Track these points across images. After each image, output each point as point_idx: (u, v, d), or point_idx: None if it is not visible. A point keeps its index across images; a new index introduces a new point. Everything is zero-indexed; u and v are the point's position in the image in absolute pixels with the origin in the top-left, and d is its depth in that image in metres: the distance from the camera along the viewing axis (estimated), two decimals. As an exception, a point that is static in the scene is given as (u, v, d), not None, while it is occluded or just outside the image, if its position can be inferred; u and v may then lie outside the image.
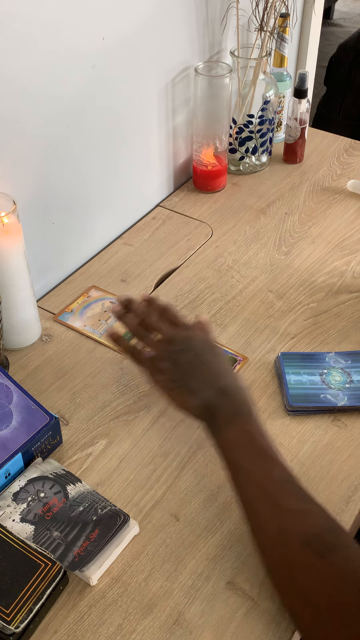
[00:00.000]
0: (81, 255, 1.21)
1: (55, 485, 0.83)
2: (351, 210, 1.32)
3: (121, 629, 0.73)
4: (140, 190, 1.30)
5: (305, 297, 1.13)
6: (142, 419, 0.94)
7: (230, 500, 0.84)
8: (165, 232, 1.28)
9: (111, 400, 0.97)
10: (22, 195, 1.00)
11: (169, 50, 1.22)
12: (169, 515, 0.83)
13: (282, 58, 1.39)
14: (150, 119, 1.25)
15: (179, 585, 0.77)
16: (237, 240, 1.25)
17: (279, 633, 0.73)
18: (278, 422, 0.94)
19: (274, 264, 1.20)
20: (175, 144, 1.35)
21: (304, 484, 0.74)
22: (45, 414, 0.87)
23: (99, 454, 0.90)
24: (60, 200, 1.11)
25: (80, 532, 0.78)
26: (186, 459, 0.89)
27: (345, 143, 1.50)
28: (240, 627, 0.73)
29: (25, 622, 0.71)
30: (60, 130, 1.05)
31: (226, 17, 1.31)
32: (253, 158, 1.41)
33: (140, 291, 1.15)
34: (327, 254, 1.22)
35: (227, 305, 1.12)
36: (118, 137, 1.18)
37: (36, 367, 1.02)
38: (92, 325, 1.08)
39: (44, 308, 1.12)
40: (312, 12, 1.57)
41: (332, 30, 3.89)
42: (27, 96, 0.96)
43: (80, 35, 1.01)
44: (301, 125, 1.38)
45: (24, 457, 0.84)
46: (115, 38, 1.08)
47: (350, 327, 1.07)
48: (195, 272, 1.18)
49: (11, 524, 0.79)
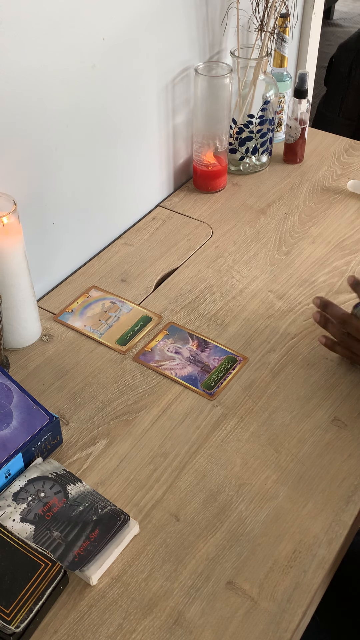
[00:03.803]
0: (81, 255, 1.21)
1: (55, 485, 0.83)
2: (351, 210, 1.32)
3: (121, 629, 0.73)
4: (140, 190, 1.30)
5: (305, 297, 1.13)
6: (142, 419, 0.94)
7: (231, 500, 0.84)
8: (165, 232, 1.28)
9: (111, 400, 0.97)
10: (22, 196, 1.00)
11: (169, 50, 1.22)
12: (169, 515, 0.83)
13: (282, 58, 1.39)
14: (150, 119, 1.25)
15: (179, 585, 0.77)
16: (237, 240, 1.25)
17: (279, 633, 0.73)
18: (278, 422, 0.94)
19: (274, 264, 1.20)
20: (175, 144, 1.35)
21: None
22: (45, 414, 0.87)
23: (99, 454, 0.90)
24: (60, 200, 1.11)
25: (81, 532, 0.78)
26: (186, 459, 0.89)
27: (345, 143, 1.50)
28: (240, 627, 0.73)
29: (26, 622, 0.71)
30: (60, 130, 1.05)
31: (226, 17, 1.31)
32: (253, 158, 1.41)
33: (140, 291, 1.15)
34: (327, 254, 1.22)
35: (227, 305, 1.12)
36: (118, 137, 1.18)
37: (36, 367, 1.02)
38: (92, 325, 1.08)
39: (44, 308, 1.12)
40: (312, 12, 1.57)
41: (332, 30, 3.89)
42: (27, 96, 0.96)
43: (80, 35, 1.01)
44: (301, 125, 1.38)
45: (24, 457, 0.84)
46: (115, 38, 1.08)
47: (350, 327, 1.07)
48: (195, 272, 1.18)
49: (11, 524, 0.79)
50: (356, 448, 0.90)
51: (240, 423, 0.94)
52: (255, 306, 1.11)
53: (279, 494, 0.85)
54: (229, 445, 0.91)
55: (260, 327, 1.08)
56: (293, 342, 1.05)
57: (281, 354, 1.03)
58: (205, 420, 0.94)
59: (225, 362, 1.02)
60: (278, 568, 0.78)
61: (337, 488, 0.86)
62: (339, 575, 0.90)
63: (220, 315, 1.10)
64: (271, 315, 1.10)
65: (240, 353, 1.03)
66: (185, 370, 1.01)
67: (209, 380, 0.99)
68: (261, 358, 1.03)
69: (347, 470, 0.88)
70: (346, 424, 0.93)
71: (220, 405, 0.96)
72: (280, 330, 1.07)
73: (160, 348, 1.04)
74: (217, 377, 1.00)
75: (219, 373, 1.00)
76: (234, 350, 1.04)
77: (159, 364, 1.02)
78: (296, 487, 0.86)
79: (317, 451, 0.90)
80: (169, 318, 1.10)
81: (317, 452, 0.90)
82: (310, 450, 0.90)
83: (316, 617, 0.90)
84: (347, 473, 0.87)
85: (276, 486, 0.86)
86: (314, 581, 0.77)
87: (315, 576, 0.78)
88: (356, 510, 0.84)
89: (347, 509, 0.84)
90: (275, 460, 0.89)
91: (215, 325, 1.08)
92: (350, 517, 0.83)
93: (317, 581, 0.77)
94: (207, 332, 1.07)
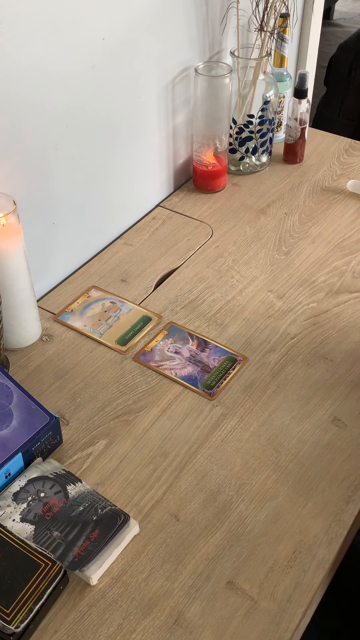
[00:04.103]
0: (81, 255, 1.21)
1: (55, 485, 0.83)
2: (351, 210, 1.32)
3: (121, 629, 0.73)
4: (140, 190, 1.30)
5: (305, 297, 1.13)
6: (142, 419, 0.94)
7: (231, 500, 0.84)
8: (165, 232, 1.28)
9: (111, 400, 0.97)
10: (22, 196, 1.00)
11: (169, 50, 1.22)
12: (169, 515, 0.83)
13: (282, 58, 1.39)
14: (150, 119, 1.25)
15: (179, 585, 0.77)
16: (237, 240, 1.25)
17: (279, 633, 0.73)
18: (278, 422, 0.94)
19: (274, 264, 1.20)
20: (175, 144, 1.35)
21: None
22: (45, 414, 0.87)
23: (99, 453, 0.90)
24: (60, 200, 1.11)
25: (81, 532, 0.78)
26: (186, 459, 0.89)
27: (345, 143, 1.50)
28: (240, 627, 0.73)
29: (26, 621, 0.71)
30: (60, 130, 1.05)
31: (226, 17, 1.31)
32: (253, 158, 1.41)
33: (140, 291, 1.15)
34: (327, 254, 1.22)
35: (227, 305, 1.12)
36: (118, 137, 1.18)
37: (36, 367, 1.02)
38: (92, 325, 1.08)
39: (44, 308, 1.12)
40: (312, 12, 1.57)
41: (332, 30, 3.89)
42: (27, 96, 0.96)
43: (80, 35, 1.01)
44: (301, 125, 1.38)
45: (24, 457, 0.84)
46: (115, 38, 1.08)
47: (350, 327, 1.07)
48: (195, 272, 1.18)
49: (11, 524, 0.79)
50: (356, 448, 0.90)
51: (240, 423, 0.94)
52: (255, 306, 1.11)
53: (279, 494, 0.85)
54: (229, 445, 0.91)
55: (260, 327, 1.08)
56: (293, 342, 1.05)
57: (281, 354, 1.03)
58: (205, 420, 0.94)
59: (225, 362, 1.02)
60: (278, 568, 0.78)
61: (337, 488, 0.86)
62: (339, 575, 0.90)
63: (220, 315, 1.10)
64: (271, 315, 1.10)
65: (240, 353, 1.03)
66: (185, 370, 1.01)
67: (209, 380, 0.99)
68: (261, 358, 1.03)
69: (347, 470, 0.88)
70: (346, 424, 0.93)
71: (220, 405, 0.96)
72: (280, 330, 1.07)
73: (160, 348, 1.04)
74: (217, 377, 1.00)
75: (219, 373, 1.00)
76: (234, 350, 1.04)
77: (159, 364, 1.02)
78: (296, 487, 0.86)
79: (317, 451, 0.90)
80: (169, 318, 1.10)
81: (317, 452, 0.90)
82: (310, 450, 0.90)
83: (316, 617, 0.90)
84: (347, 473, 0.87)
85: (276, 486, 0.86)
86: (314, 581, 0.77)
87: (315, 576, 0.78)
88: (356, 510, 0.84)
89: (347, 509, 0.84)
90: (275, 460, 0.89)
91: (215, 325, 1.08)
92: (350, 517, 0.83)
93: (317, 581, 0.77)
94: (207, 332, 1.07)
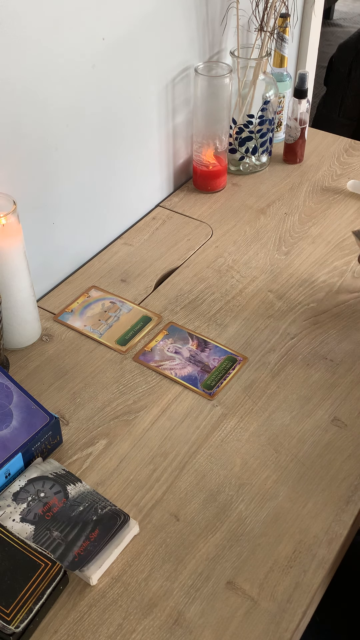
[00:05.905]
0: (81, 255, 1.21)
1: (55, 485, 0.83)
2: (351, 210, 1.32)
3: (121, 629, 0.73)
4: (140, 190, 1.30)
5: (305, 297, 1.13)
6: (142, 419, 0.94)
7: (231, 500, 0.84)
8: (165, 232, 1.28)
9: (111, 400, 0.97)
10: (22, 196, 1.00)
11: (169, 50, 1.22)
12: (169, 515, 0.83)
13: (282, 58, 1.39)
14: (150, 119, 1.25)
15: (179, 585, 0.77)
16: (237, 240, 1.25)
17: (278, 633, 0.73)
18: (278, 422, 0.94)
19: (274, 264, 1.20)
20: (175, 144, 1.35)
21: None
22: (45, 414, 0.87)
23: (99, 453, 0.90)
24: (60, 201, 1.11)
25: (80, 532, 0.78)
26: (186, 459, 0.89)
27: (345, 143, 1.50)
28: (240, 627, 0.73)
29: (26, 621, 0.71)
30: (60, 130, 1.05)
31: (226, 17, 1.31)
32: (253, 158, 1.41)
33: (140, 291, 1.15)
34: (327, 254, 1.22)
35: (227, 305, 1.12)
36: (118, 137, 1.18)
37: (36, 367, 1.02)
38: (92, 325, 1.08)
39: (44, 308, 1.12)
40: (312, 12, 1.57)
41: (332, 30, 3.89)
42: (27, 96, 0.96)
43: (80, 35, 1.01)
44: (301, 125, 1.38)
45: (24, 457, 0.84)
46: (115, 38, 1.08)
47: (350, 327, 1.07)
48: (195, 272, 1.18)
49: (11, 524, 0.79)
50: (356, 448, 0.90)
51: (240, 423, 0.94)
52: (255, 306, 1.11)
53: (279, 494, 0.85)
54: (228, 445, 0.91)
55: (260, 327, 1.08)
56: (293, 342, 1.05)
57: (281, 354, 1.03)
58: (205, 420, 0.94)
59: (225, 362, 1.02)
60: (278, 568, 0.78)
61: (337, 488, 0.86)
62: (339, 575, 0.90)
63: (220, 315, 1.10)
64: (271, 315, 1.10)
65: (240, 353, 1.03)
66: (185, 370, 1.01)
67: (209, 380, 0.99)
68: (261, 358, 1.03)
69: (347, 470, 0.88)
70: (346, 424, 0.93)
71: (220, 405, 0.96)
72: (280, 330, 1.07)
73: (160, 348, 1.04)
74: (217, 377, 1.00)
75: (219, 373, 1.00)
76: (234, 350, 1.04)
77: (158, 364, 1.02)
78: (296, 487, 0.86)
79: (317, 451, 0.90)
80: (169, 318, 1.10)
81: (317, 452, 0.90)
82: (310, 450, 0.90)
83: (316, 617, 0.90)
84: (347, 473, 0.87)
85: (276, 486, 0.86)
86: (314, 581, 0.77)
87: (315, 576, 0.78)
88: (356, 510, 0.84)
89: (347, 509, 0.84)
90: (275, 460, 0.89)
91: (215, 325, 1.08)
92: (350, 517, 0.83)
93: (317, 581, 0.77)
94: (207, 332, 1.07)
